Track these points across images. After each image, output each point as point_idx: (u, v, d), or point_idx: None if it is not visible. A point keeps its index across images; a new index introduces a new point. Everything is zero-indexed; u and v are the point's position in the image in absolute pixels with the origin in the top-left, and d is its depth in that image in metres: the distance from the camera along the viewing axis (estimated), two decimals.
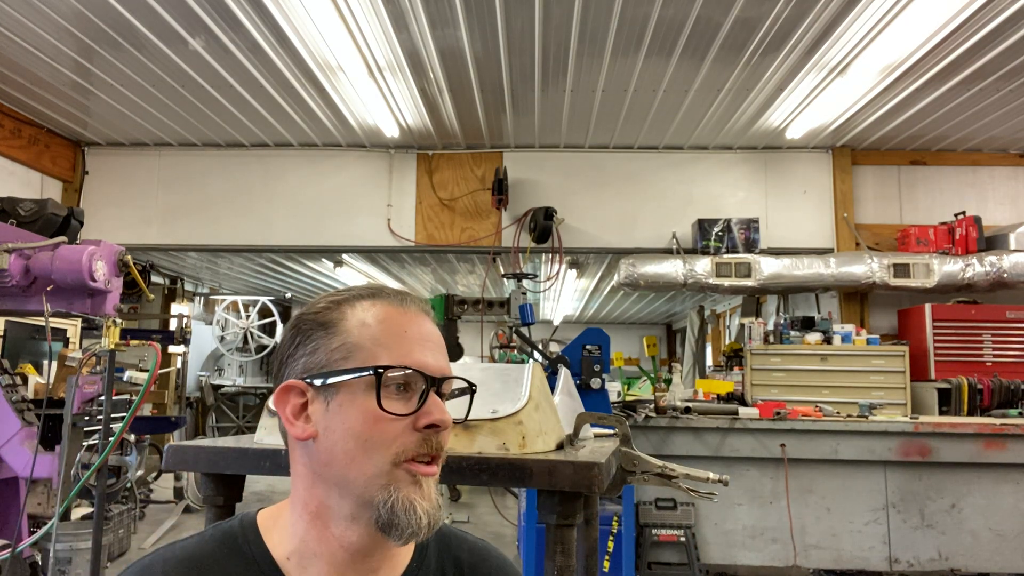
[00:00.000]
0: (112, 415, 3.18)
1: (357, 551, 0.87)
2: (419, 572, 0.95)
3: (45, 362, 7.07)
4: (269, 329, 10.82)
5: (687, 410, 4.82)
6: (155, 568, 0.88)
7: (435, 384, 0.88)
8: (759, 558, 4.77)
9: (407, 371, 0.86)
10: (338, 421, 0.85)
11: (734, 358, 6.84)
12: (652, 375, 10.60)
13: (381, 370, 0.85)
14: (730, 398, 5.79)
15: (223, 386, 10.82)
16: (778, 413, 4.77)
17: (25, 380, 4.97)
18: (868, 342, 5.96)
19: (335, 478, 0.85)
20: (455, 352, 4.78)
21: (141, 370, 6.92)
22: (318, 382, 0.86)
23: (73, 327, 7.96)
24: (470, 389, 0.97)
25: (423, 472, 0.85)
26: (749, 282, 6.19)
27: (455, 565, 0.99)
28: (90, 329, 7.62)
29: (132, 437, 5.22)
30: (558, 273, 7.77)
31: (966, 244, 6.12)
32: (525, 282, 5.51)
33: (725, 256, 6.28)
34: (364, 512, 0.84)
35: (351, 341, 0.87)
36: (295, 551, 0.88)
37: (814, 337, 6.00)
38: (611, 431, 2.10)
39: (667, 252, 6.50)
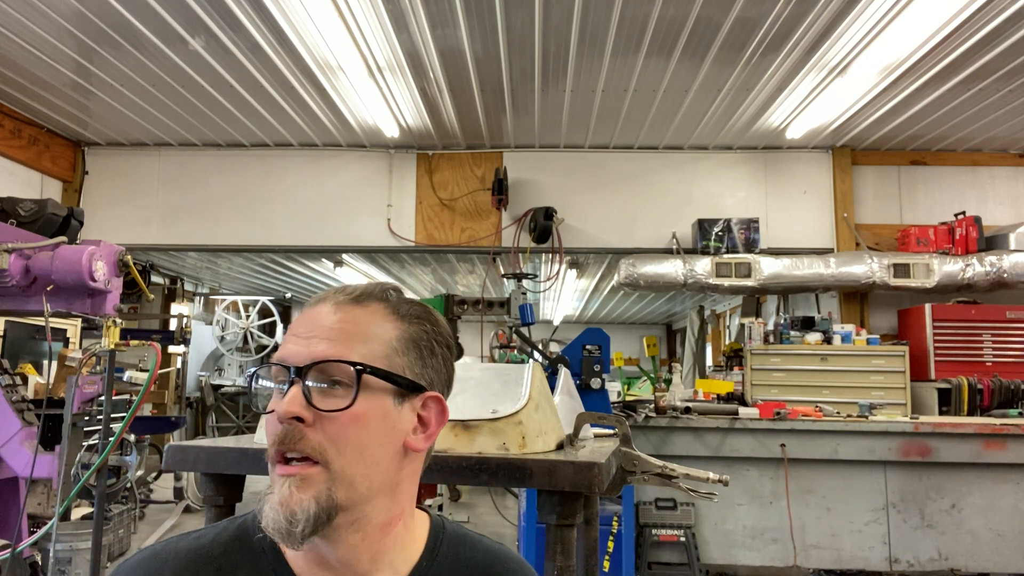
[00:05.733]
0: (112, 415, 3.18)
1: (327, 552, 0.85)
2: (429, 572, 0.93)
3: (45, 362, 7.07)
4: (269, 329, 10.82)
5: (687, 410, 4.81)
6: (163, 555, 0.88)
7: (297, 373, 0.82)
8: (759, 558, 4.77)
9: (268, 365, 0.86)
10: None
11: (734, 358, 6.84)
12: (652, 375, 10.60)
13: (252, 369, 0.90)
14: (730, 398, 5.79)
15: (223, 386, 10.82)
16: (778, 413, 4.77)
17: (25, 380, 4.97)
18: (868, 342, 5.96)
19: None
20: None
21: (141, 370, 6.93)
22: None
23: (73, 327, 7.96)
24: (357, 370, 0.83)
25: (278, 472, 0.82)
26: (749, 282, 6.19)
27: (469, 567, 0.96)
28: (90, 329, 7.62)
29: (132, 437, 5.22)
30: (558, 273, 7.77)
31: (966, 244, 6.12)
32: (525, 282, 5.52)
33: (725, 256, 6.28)
34: None
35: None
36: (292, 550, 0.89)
37: (814, 337, 6.00)
38: (611, 431, 2.10)
39: (667, 252, 6.50)
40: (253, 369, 0.88)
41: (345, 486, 0.81)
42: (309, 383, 0.82)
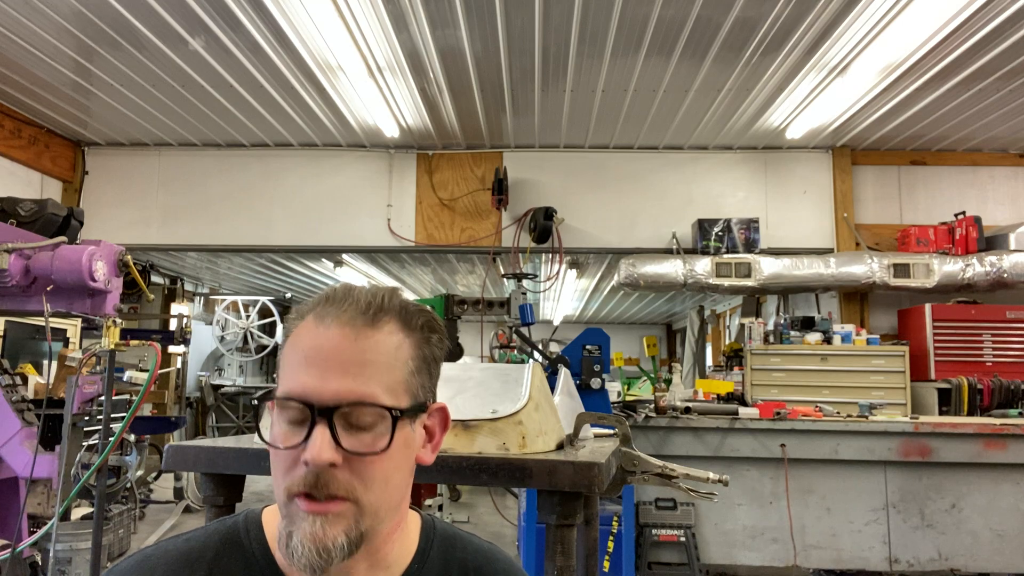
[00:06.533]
0: (112, 415, 3.17)
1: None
2: (420, 573, 0.93)
3: (45, 362, 7.07)
4: (269, 329, 10.82)
5: (687, 410, 4.81)
6: (153, 560, 0.88)
7: (323, 414, 0.78)
8: (759, 558, 4.77)
9: (280, 400, 0.81)
10: None
11: (734, 358, 6.84)
12: (652, 375, 10.59)
13: (256, 401, 0.83)
14: (730, 398, 5.78)
15: (223, 386, 10.81)
16: (778, 413, 4.77)
17: (25, 380, 4.96)
18: (868, 342, 5.96)
19: None
20: (454, 352, 4.76)
21: (141, 370, 6.92)
22: None
23: (73, 327, 7.96)
24: (391, 415, 0.81)
25: (303, 508, 0.79)
26: (749, 282, 6.19)
27: (460, 568, 0.97)
28: (90, 329, 7.61)
29: (132, 437, 5.22)
30: (558, 273, 7.77)
31: (966, 244, 6.12)
32: (525, 282, 5.51)
33: (725, 256, 6.28)
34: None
35: (280, 362, 0.86)
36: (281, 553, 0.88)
37: (814, 337, 6.00)
38: (611, 431, 2.10)
39: (667, 252, 6.50)
40: (255, 398, 0.84)
41: (371, 516, 0.82)
42: (336, 423, 0.79)
